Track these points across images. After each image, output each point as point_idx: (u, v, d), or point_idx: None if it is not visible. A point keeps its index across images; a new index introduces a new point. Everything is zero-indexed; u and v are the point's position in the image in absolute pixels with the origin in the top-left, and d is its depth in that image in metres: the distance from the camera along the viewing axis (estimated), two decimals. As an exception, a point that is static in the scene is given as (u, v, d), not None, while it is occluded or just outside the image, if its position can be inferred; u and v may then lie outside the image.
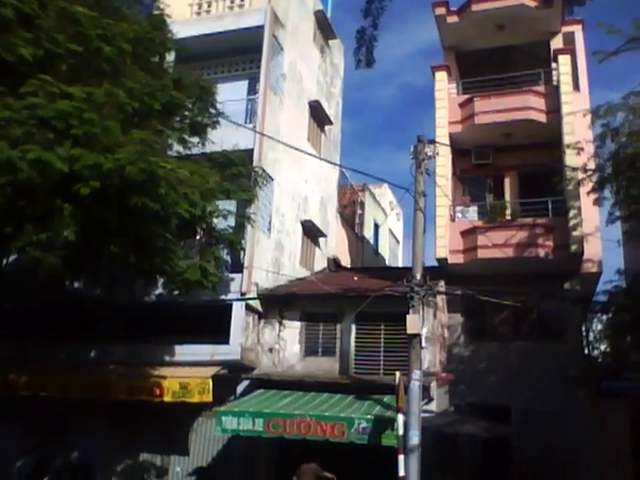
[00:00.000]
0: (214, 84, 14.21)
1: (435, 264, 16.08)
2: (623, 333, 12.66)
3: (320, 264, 19.80)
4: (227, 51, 17.42)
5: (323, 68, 21.39)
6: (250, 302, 15.32)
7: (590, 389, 13.88)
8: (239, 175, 14.43)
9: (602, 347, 13.98)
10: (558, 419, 13.92)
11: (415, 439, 11.41)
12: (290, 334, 15.74)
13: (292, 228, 18.12)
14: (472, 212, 16.70)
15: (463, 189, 17.64)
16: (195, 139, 13.64)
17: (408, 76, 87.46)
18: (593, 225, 14.92)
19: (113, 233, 10.86)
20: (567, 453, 13.58)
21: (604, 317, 13.36)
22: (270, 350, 15.71)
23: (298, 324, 15.79)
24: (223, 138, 14.38)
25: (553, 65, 16.70)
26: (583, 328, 15.02)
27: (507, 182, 17.08)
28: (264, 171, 15.76)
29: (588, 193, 13.40)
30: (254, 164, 15.58)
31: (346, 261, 21.54)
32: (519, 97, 16.19)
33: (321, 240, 20.13)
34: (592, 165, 13.40)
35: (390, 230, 27.57)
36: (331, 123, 21.31)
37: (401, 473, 11.05)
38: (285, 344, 15.68)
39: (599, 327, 13.59)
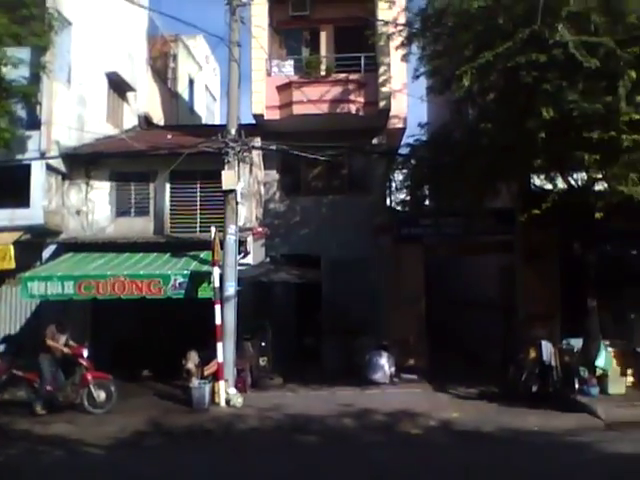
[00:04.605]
0: None
1: (252, 121, 15.91)
2: (421, 184, 13.70)
3: (130, 121, 18.57)
4: None
5: None
6: (51, 162, 14.08)
7: (391, 236, 15.20)
8: (31, 18, 12.68)
9: (402, 197, 15.15)
10: (363, 264, 15.26)
11: (231, 289, 11.85)
12: (99, 195, 14.94)
13: (96, 80, 16.53)
14: (288, 66, 16.43)
15: (280, 42, 17.16)
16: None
17: None
18: (401, 82, 15.49)
19: None
20: (371, 292, 15.10)
21: (406, 170, 14.31)
22: (77, 213, 14.85)
23: (107, 184, 14.99)
24: (6, -28, 12.27)
25: None
26: (387, 181, 16.04)
27: (323, 36, 16.89)
28: (60, 14, 13.98)
29: (397, 48, 13.70)
30: (47, 5, 13.65)
31: (159, 118, 20.41)
32: (334, -57, 15.62)
33: (130, 95, 18.70)
34: (402, 20, 13.60)
35: (207, 87, 26.38)
36: (135, -39, 19.05)
37: (218, 321, 11.51)
38: (94, 206, 14.88)
39: (401, 179, 14.60)
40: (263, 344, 13.46)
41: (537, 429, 9.41)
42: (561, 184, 11.30)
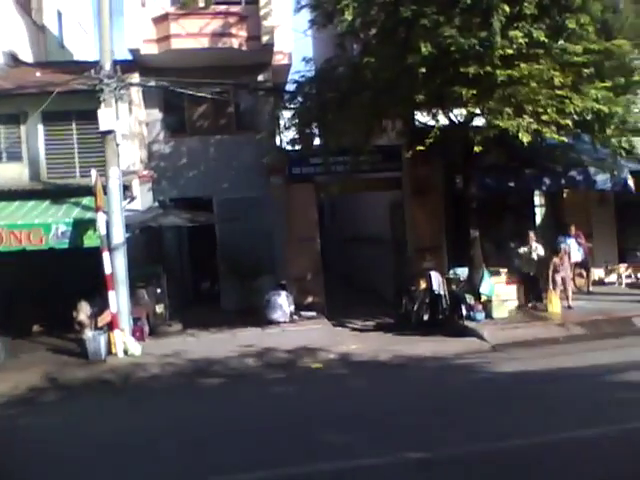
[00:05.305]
0: None
1: (130, 57, 14.98)
2: (308, 121, 13.57)
3: (-8, 59, 16.82)
4: None
5: None
6: None
7: (282, 176, 15.15)
8: None
9: (292, 136, 14.98)
10: (255, 204, 15.17)
11: (119, 236, 11.39)
12: (-37, 141, 13.63)
13: (-53, 12, 14.77)
14: (164, -3, 15.45)
15: (153, -31, 16.03)
16: None
17: None
18: (284, 15, 15.10)
19: None
20: (266, 233, 15.13)
21: (293, 107, 14.11)
22: (-60, 161, 13.51)
23: (-27, 129, 13.71)
24: None
25: None
26: (275, 119, 15.78)
27: (199, -36, 15.96)
28: None
29: (277, -21, 13.28)
30: None
31: (26, 55, 18.66)
32: None
33: (-11, 29, 16.87)
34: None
35: (79, 24, 24.34)
36: None
37: (107, 270, 11.08)
38: (-42, 152, 13.60)
39: (289, 117, 14.41)
40: (158, 291, 13.19)
41: (429, 354, 9.97)
42: (443, 120, 11.66)
